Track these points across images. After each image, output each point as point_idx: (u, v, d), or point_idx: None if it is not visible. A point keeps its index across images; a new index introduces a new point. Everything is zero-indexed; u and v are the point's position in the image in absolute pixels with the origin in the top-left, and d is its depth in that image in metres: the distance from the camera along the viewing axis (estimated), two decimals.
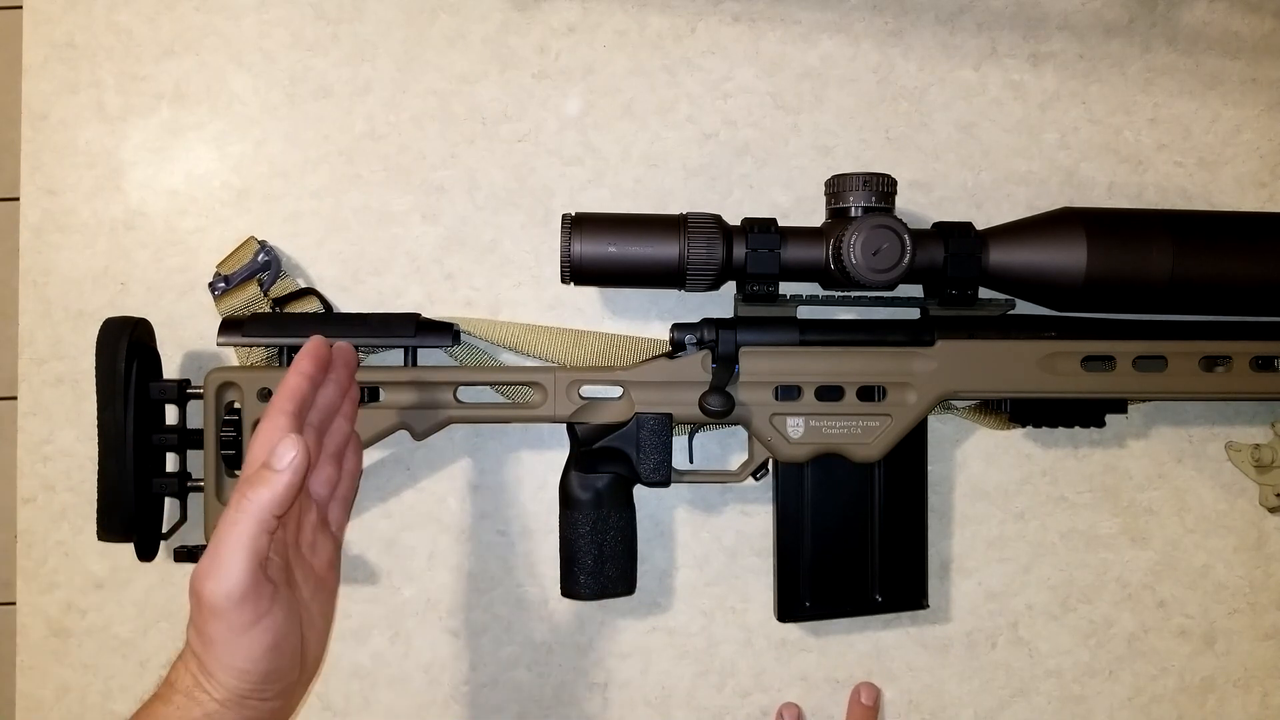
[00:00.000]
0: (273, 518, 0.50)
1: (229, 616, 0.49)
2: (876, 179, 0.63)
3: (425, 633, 0.72)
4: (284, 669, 0.52)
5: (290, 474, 0.50)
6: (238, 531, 0.49)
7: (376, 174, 0.72)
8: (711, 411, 0.64)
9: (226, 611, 0.49)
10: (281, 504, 0.50)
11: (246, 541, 0.49)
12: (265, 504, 0.50)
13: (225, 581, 0.49)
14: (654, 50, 0.73)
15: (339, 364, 0.60)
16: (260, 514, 0.50)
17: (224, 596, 0.49)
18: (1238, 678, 0.73)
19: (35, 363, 0.72)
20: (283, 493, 0.50)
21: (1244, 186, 0.73)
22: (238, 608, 0.49)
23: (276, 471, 0.50)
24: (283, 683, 0.52)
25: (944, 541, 0.73)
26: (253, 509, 0.50)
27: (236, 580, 0.49)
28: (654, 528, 0.72)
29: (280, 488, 0.50)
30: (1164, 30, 0.73)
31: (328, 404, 0.59)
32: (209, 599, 0.49)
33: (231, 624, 0.49)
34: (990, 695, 0.73)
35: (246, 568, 0.49)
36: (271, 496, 0.50)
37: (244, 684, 0.50)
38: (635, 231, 0.63)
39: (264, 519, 0.50)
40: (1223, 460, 0.73)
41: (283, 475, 0.50)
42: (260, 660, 0.50)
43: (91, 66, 0.72)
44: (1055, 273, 0.63)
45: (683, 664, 0.72)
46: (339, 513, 0.61)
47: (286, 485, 0.50)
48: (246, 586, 0.49)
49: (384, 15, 0.72)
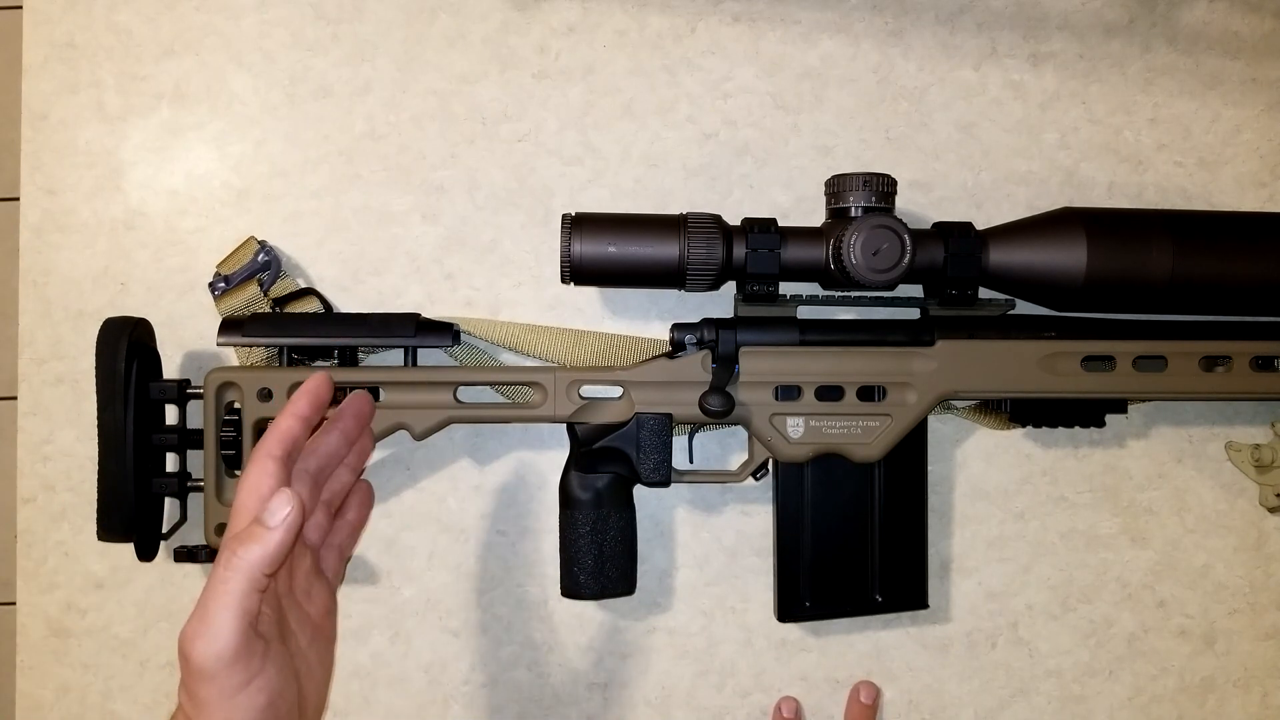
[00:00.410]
0: (264, 576, 0.48)
1: (220, 679, 0.47)
2: (876, 179, 0.63)
3: (425, 633, 0.72)
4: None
5: (283, 532, 0.48)
6: (227, 590, 0.47)
7: (376, 174, 0.72)
8: (711, 411, 0.64)
9: (217, 674, 0.47)
10: (273, 563, 0.48)
11: (237, 600, 0.47)
12: (256, 562, 0.48)
13: (215, 643, 0.47)
14: (654, 50, 0.73)
15: (348, 415, 0.58)
16: (251, 572, 0.48)
17: (214, 658, 0.47)
18: (1238, 678, 0.73)
19: (35, 363, 0.72)
20: (275, 551, 0.48)
21: (1244, 186, 0.73)
22: (229, 669, 0.47)
23: (269, 529, 0.48)
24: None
25: (944, 541, 0.73)
26: (243, 567, 0.48)
27: (226, 641, 0.47)
28: (654, 528, 0.72)
29: (273, 546, 0.48)
30: (1164, 30, 0.73)
31: (330, 452, 0.57)
32: (198, 661, 0.47)
33: (223, 687, 0.47)
34: (990, 695, 0.73)
35: (237, 627, 0.47)
36: (263, 554, 0.48)
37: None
38: (635, 231, 0.63)
39: (255, 577, 0.48)
40: (1223, 460, 0.73)
41: (275, 533, 0.48)
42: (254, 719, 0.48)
43: (91, 66, 0.72)
44: (1055, 273, 0.63)
45: (683, 664, 0.72)
46: (334, 560, 0.59)
47: (279, 544, 0.48)
48: (238, 646, 0.47)
49: (384, 15, 0.72)
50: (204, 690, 0.47)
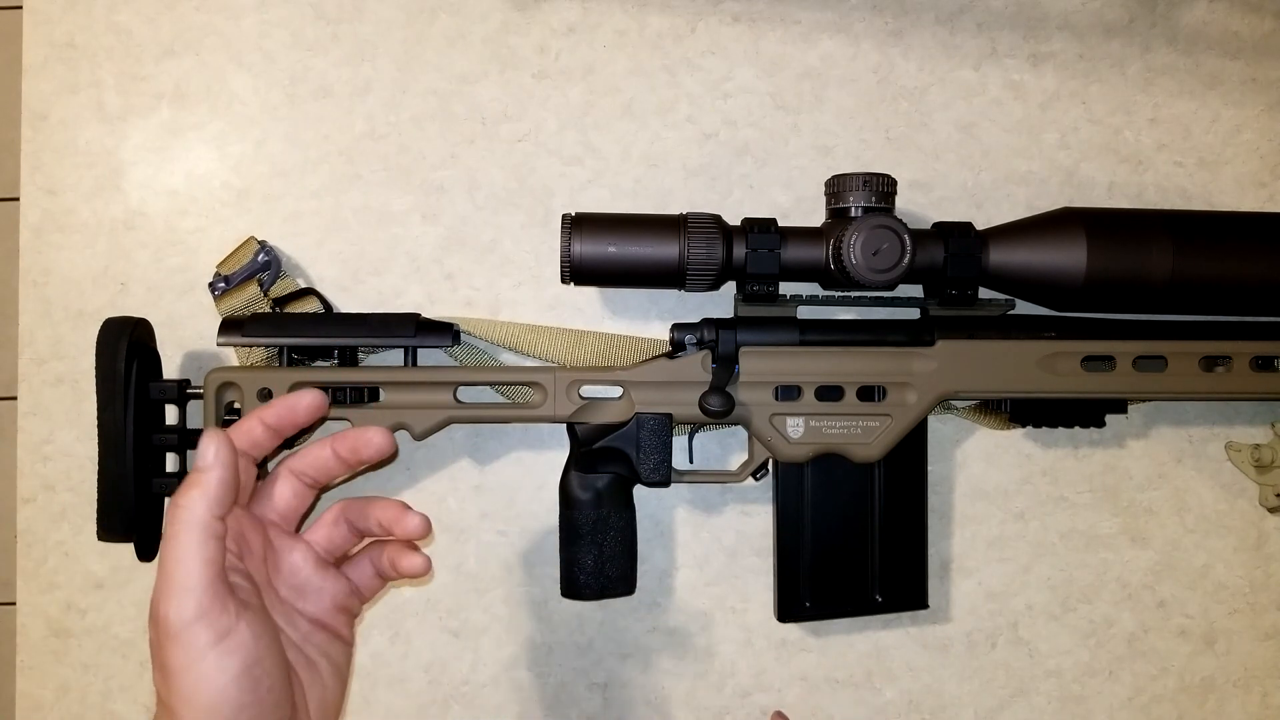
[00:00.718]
0: (214, 519, 0.47)
1: (187, 636, 0.45)
2: (876, 179, 0.63)
3: (425, 633, 0.72)
4: (263, 708, 0.46)
5: (219, 469, 0.47)
6: (180, 543, 0.46)
7: (376, 174, 0.72)
8: (711, 411, 0.64)
9: (183, 631, 0.45)
10: (218, 502, 0.47)
11: (194, 550, 0.46)
12: (200, 506, 0.46)
13: (181, 594, 0.45)
14: (654, 50, 0.73)
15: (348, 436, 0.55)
16: (199, 518, 0.46)
17: (179, 611, 0.45)
18: (1238, 678, 0.73)
19: (35, 363, 0.72)
20: (215, 489, 0.47)
21: (1244, 186, 0.73)
22: (196, 623, 0.45)
23: (202, 470, 0.47)
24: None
25: (944, 541, 0.73)
26: (189, 516, 0.46)
27: (190, 589, 0.45)
28: (654, 528, 0.72)
29: (212, 484, 0.46)
30: (1164, 30, 0.73)
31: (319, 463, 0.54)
32: (163, 617, 0.45)
33: (191, 645, 0.45)
34: (990, 695, 0.73)
35: (201, 575, 0.45)
36: (204, 495, 0.46)
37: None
38: (635, 231, 0.63)
39: (205, 521, 0.46)
40: (1223, 460, 0.73)
41: (210, 472, 0.47)
42: (228, 688, 0.45)
43: (91, 66, 0.72)
44: (1055, 273, 0.63)
45: (683, 664, 0.73)
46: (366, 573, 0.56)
47: (217, 481, 0.47)
48: (203, 598, 0.45)
49: (384, 15, 0.72)
50: (171, 654, 0.45)
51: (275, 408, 0.53)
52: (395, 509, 0.54)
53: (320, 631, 0.53)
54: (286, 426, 0.53)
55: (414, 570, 0.55)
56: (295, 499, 0.54)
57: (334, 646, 0.54)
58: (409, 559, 0.55)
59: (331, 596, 0.54)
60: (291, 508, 0.54)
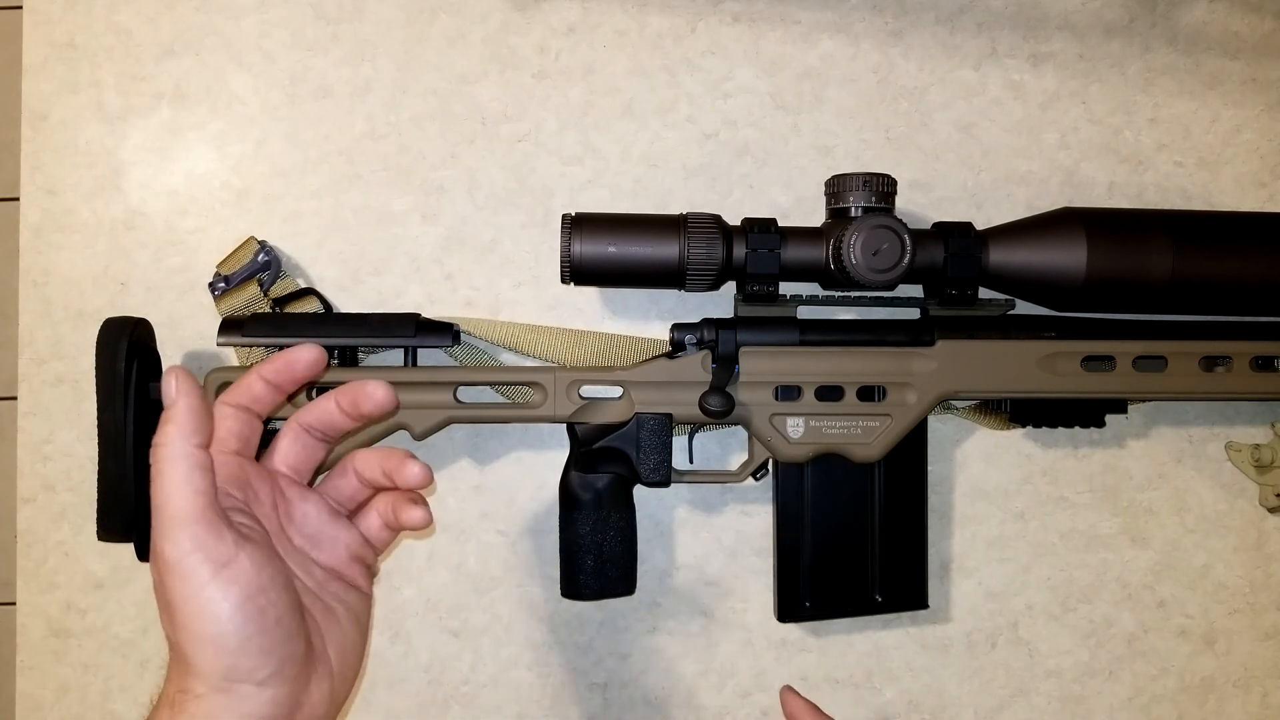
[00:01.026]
0: (195, 448, 0.46)
1: (184, 567, 0.44)
2: (876, 179, 0.63)
3: (425, 633, 0.72)
4: (272, 638, 0.46)
5: (183, 399, 0.46)
6: (166, 478, 0.45)
7: (376, 174, 0.72)
8: (711, 411, 0.64)
9: (181, 561, 0.44)
10: (193, 431, 0.46)
11: (180, 481, 0.45)
12: (174, 438, 0.46)
13: (174, 528, 0.45)
14: (654, 50, 0.73)
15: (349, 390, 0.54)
16: (177, 450, 0.45)
17: (173, 546, 0.44)
18: (1238, 678, 0.73)
19: (35, 363, 0.72)
20: (185, 418, 0.46)
21: (1244, 186, 0.73)
22: (193, 554, 0.44)
23: (169, 405, 0.47)
24: (275, 659, 0.46)
25: (944, 541, 0.73)
26: (167, 450, 0.46)
27: (184, 521, 0.45)
28: (654, 528, 0.72)
29: (181, 414, 0.46)
30: (1164, 30, 0.73)
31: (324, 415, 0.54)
32: (161, 555, 0.45)
33: (189, 577, 0.44)
34: (990, 695, 0.73)
35: (192, 505, 0.45)
36: (176, 428, 0.46)
37: (223, 659, 0.45)
38: (635, 231, 0.63)
39: (185, 451, 0.46)
40: (1223, 460, 0.73)
41: (176, 406, 0.46)
42: (232, 618, 0.45)
43: (91, 66, 0.72)
44: (1055, 273, 0.63)
45: (683, 664, 0.73)
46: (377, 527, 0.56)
47: (185, 410, 0.46)
48: (197, 529, 0.45)
49: (384, 15, 0.72)
50: (174, 588, 0.45)
51: (275, 363, 0.52)
52: (397, 457, 0.54)
53: (336, 580, 0.53)
54: (286, 382, 0.52)
55: (414, 521, 0.55)
56: (304, 451, 0.54)
57: (351, 595, 0.53)
58: (409, 511, 0.55)
59: (346, 545, 0.54)
60: (300, 459, 0.54)
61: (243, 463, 0.51)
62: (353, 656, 0.52)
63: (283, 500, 0.53)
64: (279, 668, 0.46)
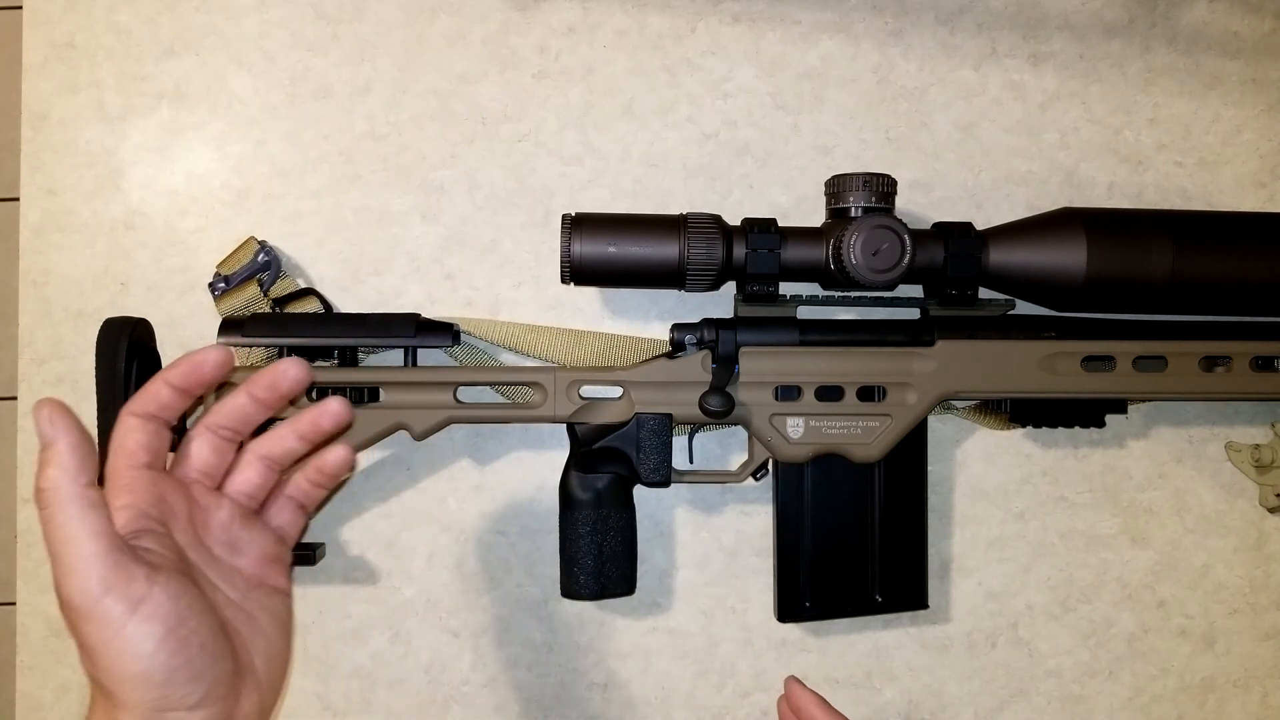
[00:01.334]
0: (83, 488, 0.44)
1: (98, 612, 0.43)
2: (876, 179, 0.63)
3: (425, 633, 0.72)
4: (198, 665, 0.45)
5: (61, 435, 0.45)
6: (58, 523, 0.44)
7: (376, 174, 0.72)
8: (711, 411, 0.64)
9: (92, 607, 0.43)
10: (77, 469, 0.44)
11: (75, 525, 0.43)
12: (59, 480, 0.44)
13: (78, 575, 0.43)
14: (654, 50, 0.73)
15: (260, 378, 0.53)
16: (64, 494, 0.44)
17: (82, 590, 0.43)
18: (1238, 678, 0.73)
19: (35, 363, 0.72)
20: (66, 455, 0.44)
21: (1244, 186, 0.73)
22: (104, 597, 0.43)
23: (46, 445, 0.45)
24: (204, 683, 0.45)
25: (944, 541, 0.73)
26: (53, 495, 0.44)
27: (89, 566, 0.43)
28: (654, 528, 0.72)
29: (63, 454, 0.44)
30: (1164, 30, 0.73)
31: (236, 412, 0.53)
32: (69, 599, 0.43)
33: (105, 622, 0.43)
34: (990, 695, 0.73)
35: (93, 548, 0.43)
36: (59, 468, 0.44)
37: (150, 692, 0.44)
38: (635, 231, 0.63)
39: (72, 494, 0.44)
40: (1223, 460, 0.73)
41: (55, 443, 0.45)
42: (155, 654, 0.43)
43: (91, 66, 0.72)
44: (1055, 273, 0.63)
45: (683, 664, 0.73)
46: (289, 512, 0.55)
47: (66, 448, 0.44)
48: (105, 571, 0.43)
49: (384, 15, 0.72)
50: (89, 634, 0.43)
51: (179, 367, 0.50)
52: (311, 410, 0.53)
53: (257, 587, 0.52)
54: (194, 385, 0.50)
55: (339, 461, 0.54)
56: (215, 454, 0.52)
57: (274, 599, 0.52)
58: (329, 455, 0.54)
59: (261, 548, 0.53)
60: (211, 464, 0.52)
61: (155, 477, 0.49)
62: (279, 662, 0.51)
63: (198, 509, 0.51)
64: (209, 689, 0.45)
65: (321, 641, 0.72)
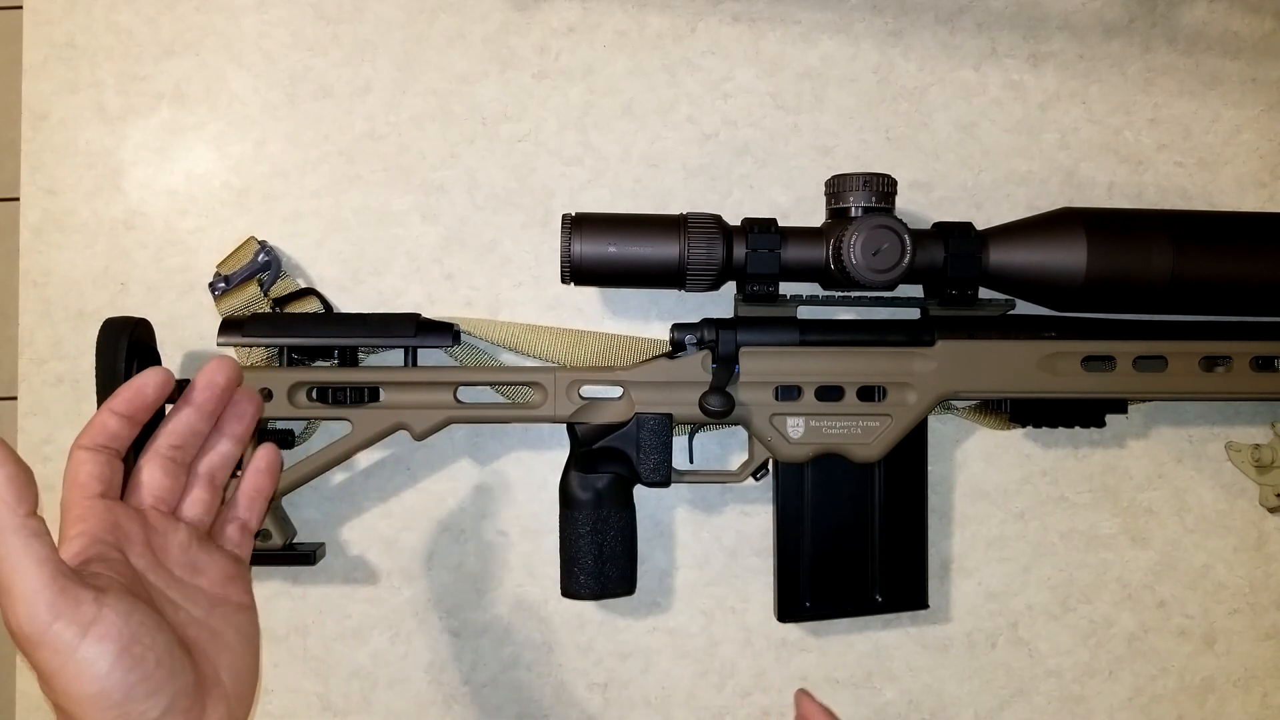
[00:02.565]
0: (25, 517, 0.44)
1: (48, 639, 0.43)
2: (876, 179, 0.63)
3: (425, 633, 0.72)
4: (156, 680, 0.45)
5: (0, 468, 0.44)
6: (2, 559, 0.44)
7: (376, 174, 0.72)
8: (711, 411, 0.64)
9: (43, 634, 0.43)
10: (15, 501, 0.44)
11: (19, 555, 0.43)
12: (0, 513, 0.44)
13: (27, 604, 0.43)
14: (654, 50, 0.73)
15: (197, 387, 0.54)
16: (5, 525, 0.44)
17: (29, 618, 0.43)
18: (1238, 678, 0.73)
19: (35, 363, 0.72)
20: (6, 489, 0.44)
21: (1244, 186, 0.73)
22: (53, 624, 0.43)
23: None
24: (165, 696, 0.45)
25: (944, 541, 0.73)
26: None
27: (36, 594, 0.43)
28: (654, 528, 0.72)
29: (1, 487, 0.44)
30: (1164, 30, 0.73)
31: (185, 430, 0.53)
32: (18, 629, 0.43)
33: (56, 646, 0.43)
34: (990, 695, 0.73)
35: (39, 577, 0.43)
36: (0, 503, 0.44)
37: (110, 710, 0.44)
38: (635, 231, 0.63)
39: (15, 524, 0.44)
40: (1223, 460, 0.73)
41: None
42: (111, 673, 0.44)
43: (91, 66, 0.72)
44: (1055, 273, 0.63)
45: (683, 664, 0.73)
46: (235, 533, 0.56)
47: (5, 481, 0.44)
48: (52, 598, 0.43)
49: (384, 15, 0.72)
50: (42, 660, 0.44)
51: (122, 394, 0.51)
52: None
53: (220, 605, 0.53)
54: (139, 411, 0.51)
55: (269, 459, 0.57)
56: (167, 478, 0.53)
57: (238, 614, 0.53)
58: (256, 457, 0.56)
59: (220, 568, 0.53)
60: (165, 488, 0.53)
61: (109, 505, 0.49)
62: (247, 676, 0.52)
63: (155, 534, 0.52)
64: (171, 702, 0.46)
65: (321, 641, 0.72)
